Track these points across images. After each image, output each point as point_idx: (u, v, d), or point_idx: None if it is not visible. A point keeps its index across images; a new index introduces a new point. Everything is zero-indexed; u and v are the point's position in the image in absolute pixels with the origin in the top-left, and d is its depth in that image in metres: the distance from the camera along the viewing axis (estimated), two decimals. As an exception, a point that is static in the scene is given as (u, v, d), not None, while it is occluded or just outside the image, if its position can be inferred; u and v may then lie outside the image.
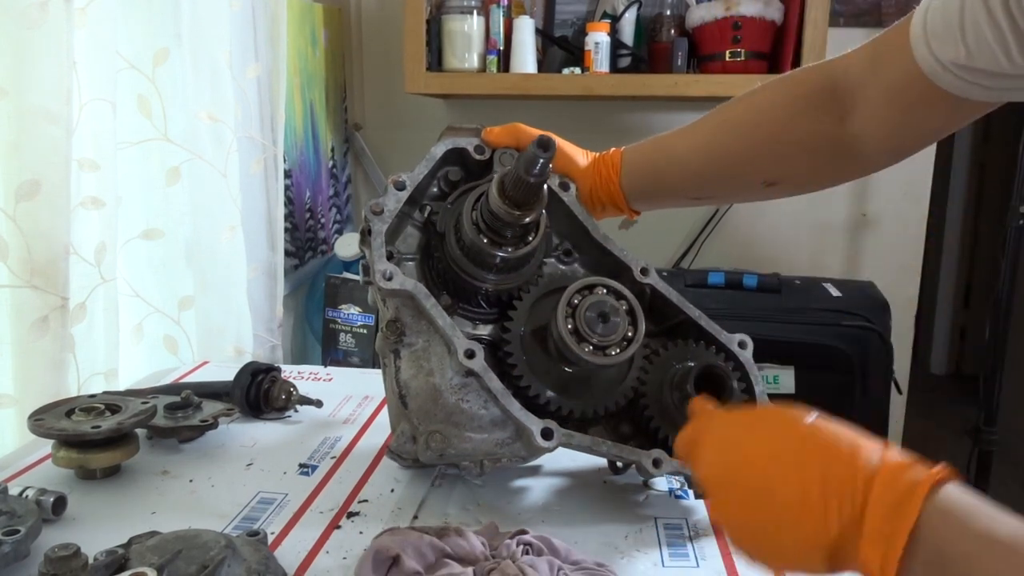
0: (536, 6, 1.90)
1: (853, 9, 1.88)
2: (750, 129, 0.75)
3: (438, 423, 0.71)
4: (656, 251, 2.02)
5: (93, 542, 0.59)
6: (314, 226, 1.82)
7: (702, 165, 0.77)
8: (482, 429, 0.71)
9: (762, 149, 0.75)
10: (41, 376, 0.90)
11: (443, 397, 0.70)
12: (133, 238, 1.17)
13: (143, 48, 1.12)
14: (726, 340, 0.76)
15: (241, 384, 0.94)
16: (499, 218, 0.69)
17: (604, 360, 0.68)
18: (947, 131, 0.70)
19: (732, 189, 0.81)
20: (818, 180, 0.78)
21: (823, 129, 0.71)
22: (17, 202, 0.86)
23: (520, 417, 0.68)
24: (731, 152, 0.76)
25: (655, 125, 1.99)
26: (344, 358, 1.67)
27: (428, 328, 0.71)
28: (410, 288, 0.69)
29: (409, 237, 0.76)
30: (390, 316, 0.72)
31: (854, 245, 1.99)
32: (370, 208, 0.71)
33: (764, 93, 0.75)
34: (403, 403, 0.72)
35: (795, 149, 0.74)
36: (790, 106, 0.73)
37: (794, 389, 1.55)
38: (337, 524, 0.72)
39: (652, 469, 0.70)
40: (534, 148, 0.64)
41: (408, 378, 0.72)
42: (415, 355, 0.72)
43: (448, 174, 0.77)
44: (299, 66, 1.70)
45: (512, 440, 0.71)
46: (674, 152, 0.79)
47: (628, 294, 0.71)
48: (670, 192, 0.81)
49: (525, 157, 0.65)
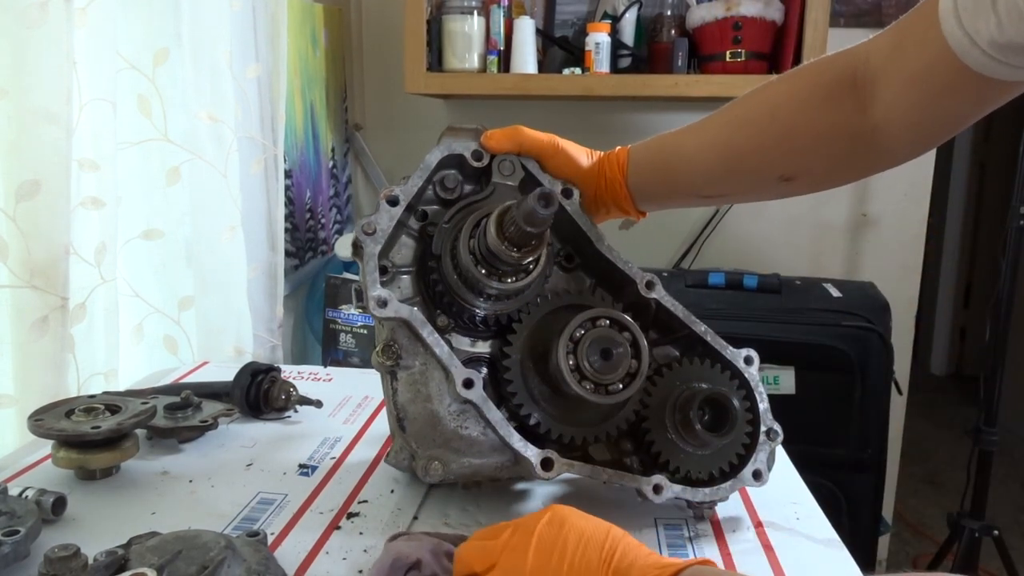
0: (536, 6, 1.90)
1: (853, 9, 1.88)
2: (765, 122, 0.72)
3: (437, 448, 0.70)
4: (656, 251, 2.02)
5: (93, 542, 0.59)
6: (314, 226, 1.82)
7: (714, 161, 0.74)
8: (481, 454, 0.70)
9: (778, 142, 0.72)
10: (41, 376, 0.90)
11: (442, 424, 0.70)
12: (133, 238, 1.17)
13: (143, 48, 1.12)
14: (731, 356, 0.74)
15: (241, 384, 0.94)
16: (497, 256, 0.67)
17: (606, 399, 0.67)
18: (969, 119, 0.66)
19: (746, 186, 0.77)
20: (837, 175, 0.74)
21: (843, 120, 0.69)
22: (17, 202, 0.86)
23: (519, 448, 0.68)
24: (745, 146, 0.73)
25: (655, 125, 1.99)
26: (344, 358, 1.67)
27: (425, 351, 0.70)
28: (405, 316, 0.68)
29: (404, 248, 0.74)
30: (386, 338, 0.70)
31: (854, 245, 1.99)
32: (362, 228, 0.69)
33: (779, 85, 0.73)
34: (401, 427, 0.71)
35: (813, 142, 0.71)
36: (807, 97, 0.71)
37: (794, 389, 1.55)
38: (337, 525, 0.72)
39: (653, 496, 0.69)
40: (534, 202, 0.62)
41: (406, 402, 0.71)
42: (412, 378, 0.70)
43: (445, 179, 0.74)
44: (299, 66, 1.70)
45: (511, 464, 0.71)
46: (683, 148, 0.76)
47: (632, 325, 0.69)
48: (680, 191, 0.78)
49: (524, 209, 0.63)
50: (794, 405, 1.51)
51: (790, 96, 0.72)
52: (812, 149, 0.71)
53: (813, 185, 0.75)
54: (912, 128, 0.67)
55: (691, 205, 0.84)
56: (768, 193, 0.78)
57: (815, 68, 0.71)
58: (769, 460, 0.73)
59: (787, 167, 0.72)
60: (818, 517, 0.75)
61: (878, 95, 0.66)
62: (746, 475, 0.71)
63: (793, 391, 1.55)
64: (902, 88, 0.65)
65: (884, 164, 0.72)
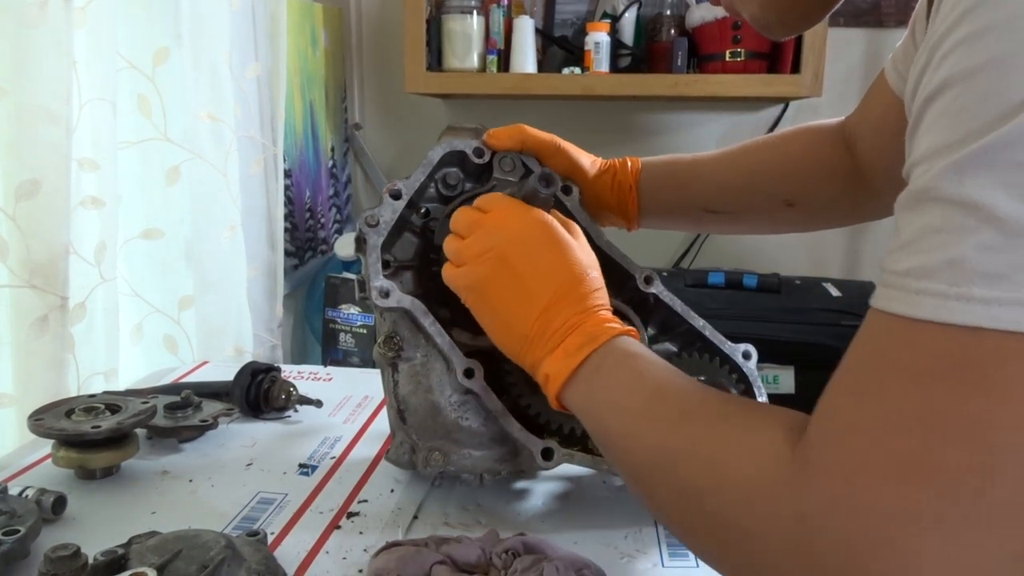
0: (536, 6, 1.90)
1: (853, 9, 1.87)
2: (778, 151, 0.82)
3: (437, 440, 0.70)
4: (656, 251, 2.02)
5: (93, 542, 0.59)
6: (314, 226, 1.82)
7: (728, 177, 0.81)
8: (482, 446, 0.71)
9: (787, 167, 0.81)
10: (41, 376, 0.90)
11: (442, 415, 0.70)
12: (133, 238, 1.17)
13: (143, 48, 1.12)
14: (730, 350, 0.75)
15: (241, 384, 0.94)
16: None
17: None
18: None
19: (754, 202, 0.83)
20: (836, 207, 0.83)
21: (839, 160, 0.79)
22: (17, 202, 0.86)
23: (520, 438, 0.68)
24: (758, 167, 0.81)
25: (655, 125, 2.00)
26: (344, 358, 1.67)
27: (426, 343, 0.70)
28: (407, 306, 0.68)
29: (407, 243, 0.75)
30: (387, 330, 0.71)
31: (854, 245, 1.99)
32: (365, 220, 0.70)
33: (788, 130, 0.84)
34: (402, 418, 0.71)
35: (816, 173, 0.80)
36: (812, 140, 0.81)
37: (794, 389, 1.55)
38: (337, 524, 0.72)
39: None
40: (535, 182, 0.63)
41: (407, 394, 0.71)
42: (413, 370, 0.71)
43: (447, 176, 0.76)
44: (299, 66, 1.70)
45: (512, 456, 0.71)
46: (700, 163, 0.82)
47: (630, 313, 0.70)
48: (690, 202, 0.83)
49: (526, 190, 0.64)
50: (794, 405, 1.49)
51: (798, 136, 0.82)
52: (816, 179, 0.80)
53: (813, 214, 0.83)
54: (887, 171, 0.74)
55: (692, 224, 0.90)
56: (771, 216, 0.84)
57: (818, 124, 0.83)
58: None
59: (793, 192, 0.81)
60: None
61: (856, 143, 0.78)
62: None
63: (793, 391, 1.55)
64: (869, 136, 0.75)
65: (878, 208, 0.80)
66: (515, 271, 0.60)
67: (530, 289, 0.59)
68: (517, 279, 0.60)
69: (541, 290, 0.59)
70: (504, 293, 0.61)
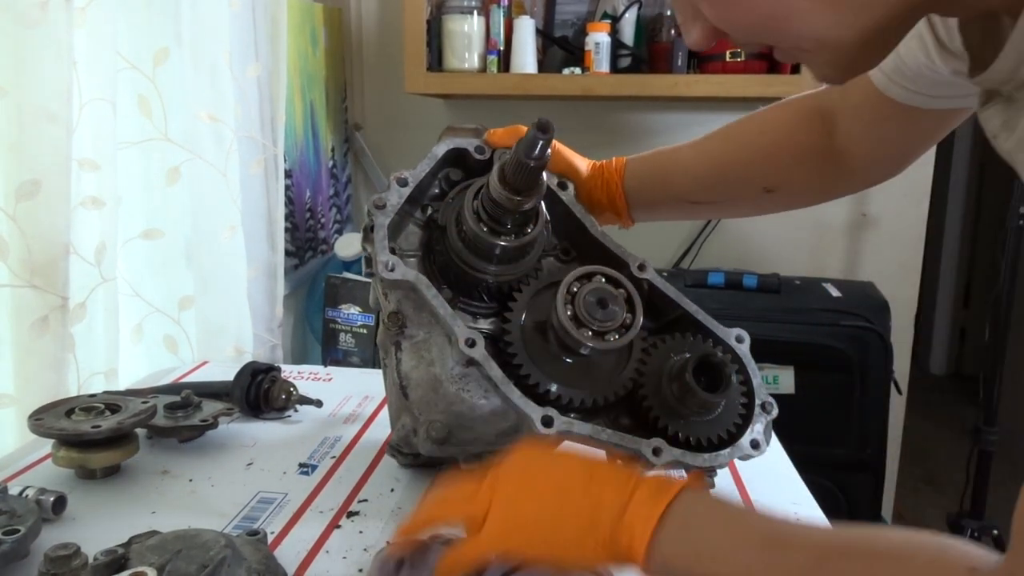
0: (536, 6, 1.90)
1: (853, 9, 1.87)
2: (753, 138, 0.82)
3: (439, 413, 0.71)
4: (656, 251, 2.02)
5: (93, 542, 0.59)
6: (314, 226, 1.82)
7: (706, 169, 0.82)
8: (483, 419, 0.71)
9: (764, 156, 0.81)
10: (41, 376, 0.90)
11: (444, 387, 0.71)
12: (133, 238, 1.17)
13: (143, 48, 1.12)
14: (723, 334, 0.76)
15: (241, 384, 0.94)
16: (499, 205, 0.69)
17: (603, 345, 0.69)
18: (920, 144, 0.76)
19: (734, 193, 0.84)
20: (814, 190, 0.84)
21: (816, 142, 0.79)
22: (17, 202, 0.86)
23: (520, 405, 0.68)
24: (735, 157, 0.82)
25: (655, 125, 1.99)
26: (344, 358, 1.67)
27: (429, 320, 0.72)
28: (411, 278, 0.70)
29: (411, 235, 0.77)
30: (392, 309, 0.72)
31: (854, 245, 1.99)
32: (373, 203, 0.72)
33: (767, 112, 0.83)
34: (404, 394, 0.72)
35: (793, 159, 0.81)
36: (789, 120, 0.81)
37: (794, 389, 1.55)
38: (337, 524, 0.72)
39: (652, 458, 0.70)
40: (534, 130, 0.65)
41: (409, 369, 0.72)
42: (416, 346, 0.72)
43: (449, 175, 0.78)
44: (299, 66, 1.70)
45: (513, 431, 0.71)
46: (679, 156, 0.83)
47: (626, 282, 0.71)
48: (672, 195, 0.84)
49: (525, 139, 0.66)
50: (793, 405, 1.49)
51: (776, 119, 0.82)
52: (792, 165, 0.81)
53: (792, 197, 0.84)
54: (867, 154, 0.77)
55: (680, 215, 0.90)
56: (752, 203, 0.86)
57: (795, 102, 0.82)
58: (766, 432, 0.74)
59: (770, 179, 0.82)
60: (818, 517, 0.76)
61: (837, 124, 0.78)
62: (744, 444, 0.72)
63: (792, 391, 1.55)
64: (849, 119, 0.76)
65: (855, 184, 0.83)
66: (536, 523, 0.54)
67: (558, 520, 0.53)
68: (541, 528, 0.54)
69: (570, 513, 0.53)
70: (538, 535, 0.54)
